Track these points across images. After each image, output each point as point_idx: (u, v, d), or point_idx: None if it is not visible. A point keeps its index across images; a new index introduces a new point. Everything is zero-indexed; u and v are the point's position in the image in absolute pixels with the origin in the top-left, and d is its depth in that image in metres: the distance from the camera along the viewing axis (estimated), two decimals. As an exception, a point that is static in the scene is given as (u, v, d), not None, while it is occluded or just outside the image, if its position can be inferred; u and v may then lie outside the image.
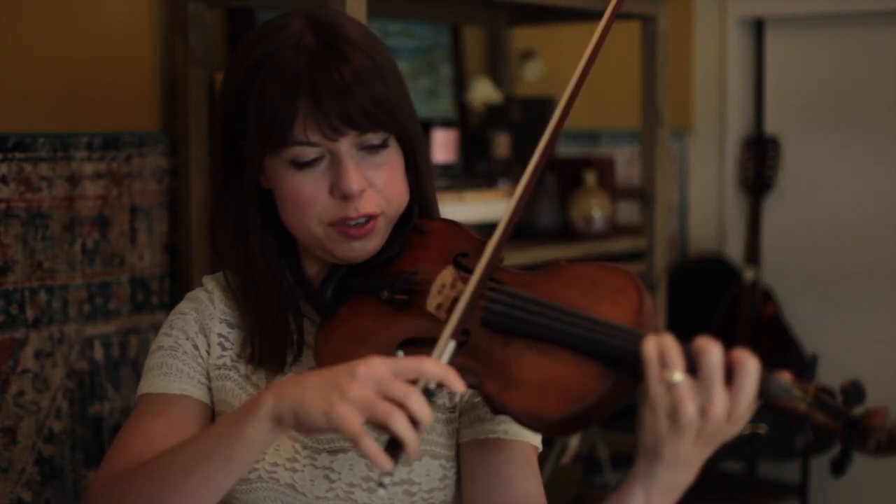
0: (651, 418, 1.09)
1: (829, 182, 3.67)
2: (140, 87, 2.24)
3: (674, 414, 1.07)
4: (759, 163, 3.68)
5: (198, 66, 2.21)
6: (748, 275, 3.55)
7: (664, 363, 1.07)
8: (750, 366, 1.06)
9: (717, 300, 3.59)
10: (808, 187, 3.70)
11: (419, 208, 1.39)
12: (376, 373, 1.09)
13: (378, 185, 1.30)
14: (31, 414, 2.03)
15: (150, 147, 2.23)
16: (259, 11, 2.38)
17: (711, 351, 1.06)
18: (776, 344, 3.53)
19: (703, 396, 1.07)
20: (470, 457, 1.34)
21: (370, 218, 1.30)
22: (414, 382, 1.11)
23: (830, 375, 3.83)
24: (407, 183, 1.35)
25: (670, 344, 1.08)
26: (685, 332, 3.62)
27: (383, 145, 1.30)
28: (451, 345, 1.15)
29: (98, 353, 2.14)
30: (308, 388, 1.11)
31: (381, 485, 1.08)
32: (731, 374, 1.07)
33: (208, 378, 1.38)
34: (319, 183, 1.29)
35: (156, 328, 2.22)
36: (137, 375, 2.17)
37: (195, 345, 1.38)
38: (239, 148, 1.33)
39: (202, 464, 1.16)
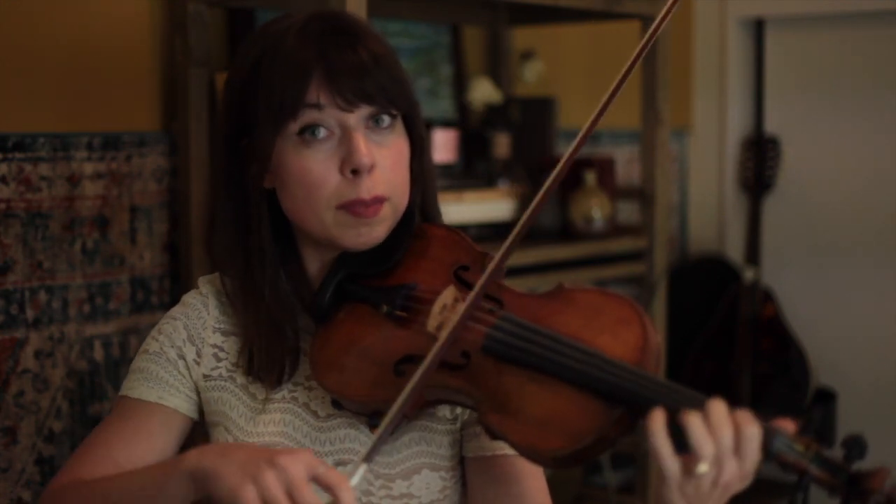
0: (665, 492, 1.08)
1: (829, 182, 3.67)
2: (140, 87, 2.24)
3: (687, 488, 1.08)
4: (759, 163, 3.68)
5: (198, 66, 2.21)
6: (748, 275, 3.55)
7: (695, 456, 1.06)
8: (752, 432, 1.06)
9: (717, 300, 3.59)
10: (808, 187, 3.70)
11: (420, 212, 1.37)
12: (294, 472, 1.09)
13: (385, 166, 1.28)
14: (31, 414, 2.03)
15: (150, 147, 2.23)
16: (259, 11, 2.38)
17: (724, 433, 1.06)
18: (776, 344, 3.53)
19: (715, 471, 1.07)
20: (477, 473, 1.32)
21: (380, 200, 1.28)
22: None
23: (831, 375, 3.83)
24: (409, 178, 1.33)
25: (701, 434, 1.06)
26: (685, 332, 3.62)
27: (391, 127, 1.29)
28: (362, 469, 1.13)
29: (98, 353, 2.14)
30: (229, 459, 1.13)
31: None
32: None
33: (196, 388, 1.38)
34: (329, 162, 1.27)
35: (156, 328, 2.22)
36: (137, 375, 2.17)
37: (180, 354, 1.38)
38: (241, 146, 1.32)
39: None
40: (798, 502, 1.09)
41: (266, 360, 1.34)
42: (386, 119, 1.28)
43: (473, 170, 2.74)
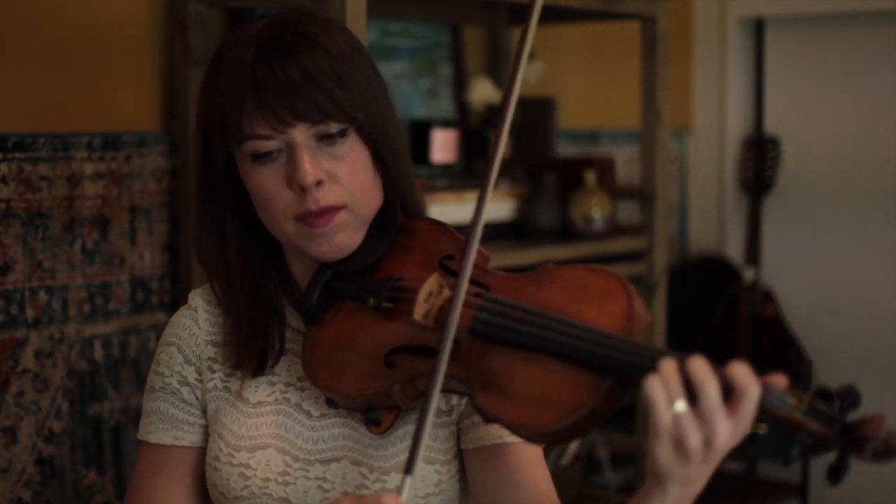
0: (658, 449, 1.08)
1: (828, 182, 3.67)
2: (140, 87, 2.24)
3: (679, 445, 1.07)
4: (759, 163, 3.68)
5: (198, 66, 2.21)
6: (748, 275, 3.55)
7: (667, 394, 1.06)
8: (751, 392, 1.05)
9: (717, 300, 3.59)
10: (808, 187, 3.70)
11: (401, 208, 1.37)
12: None
13: (340, 177, 1.27)
14: (31, 414, 2.03)
15: (150, 147, 2.23)
16: (259, 11, 2.38)
17: (709, 387, 1.05)
18: (776, 344, 3.53)
19: (706, 429, 1.06)
20: (478, 464, 1.32)
21: (332, 209, 1.28)
22: None
23: (831, 375, 3.83)
24: (377, 178, 1.32)
25: (671, 374, 1.06)
26: (685, 332, 3.61)
27: (342, 135, 1.27)
28: (409, 481, 1.14)
29: (98, 353, 2.14)
30: None
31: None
32: (729, 393, 1.06)
33: (204, 406, 1.39)
34: (280, 178, 1.27)
35: (156, 328, 2.22)
36: (138, 375, 2.17)
37: (182, 379, 1.39)
38: (211, 147, 1.32)
39: None
40: (793, 458, 1.07)
41: (245, 350, 1.35)
42: (333, 129, 1.26)
43: (473, 170, 2.74)
